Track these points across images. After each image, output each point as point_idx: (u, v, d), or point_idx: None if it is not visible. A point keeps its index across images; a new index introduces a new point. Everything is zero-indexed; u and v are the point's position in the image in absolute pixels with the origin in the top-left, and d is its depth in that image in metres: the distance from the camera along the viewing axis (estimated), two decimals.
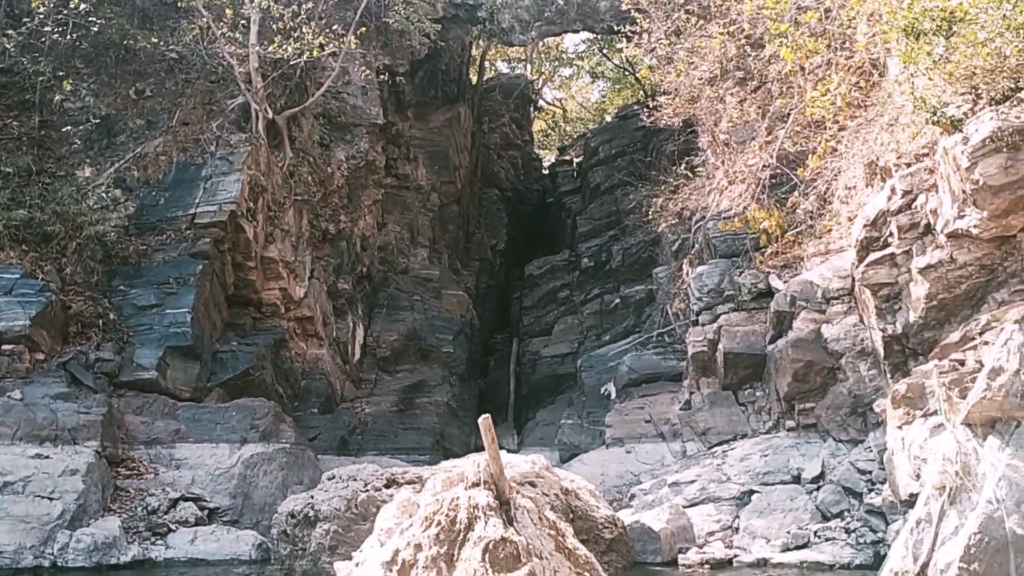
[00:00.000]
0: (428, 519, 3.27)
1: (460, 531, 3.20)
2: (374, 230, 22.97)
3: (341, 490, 11.06)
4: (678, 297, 18.15)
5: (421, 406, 22.15)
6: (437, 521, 3.24)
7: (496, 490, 3.30)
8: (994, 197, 10.69)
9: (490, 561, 3.09)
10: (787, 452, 13.62)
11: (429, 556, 3.17)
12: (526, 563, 3.07)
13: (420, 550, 3.20)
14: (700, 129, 18.92)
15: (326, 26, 17.28)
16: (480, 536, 3.15)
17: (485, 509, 3.22)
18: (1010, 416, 7.91)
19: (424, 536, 3.23)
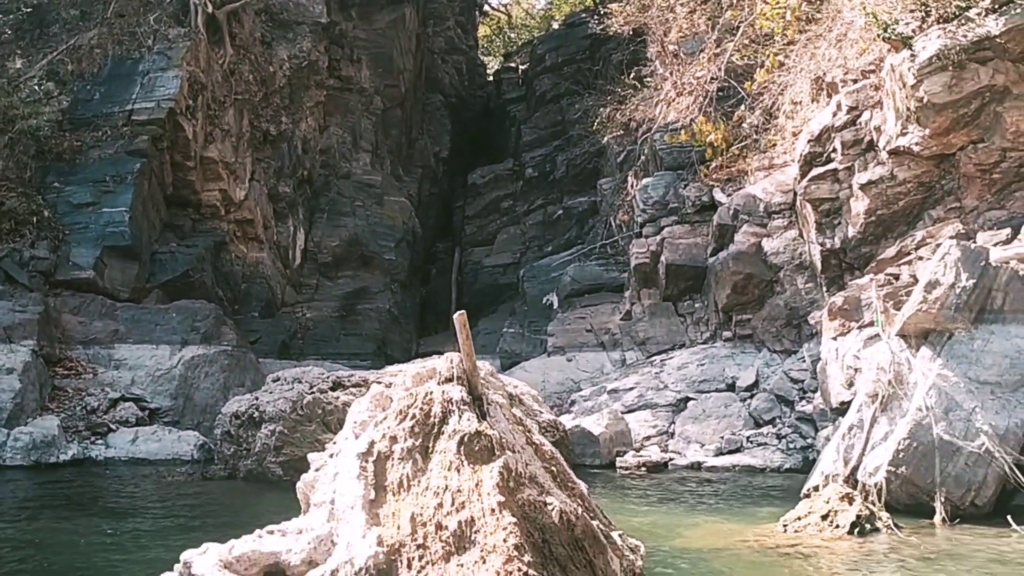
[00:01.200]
0: (402, 412, 3.31)
1: (434, 424, 3.25)
2: (316, 133, 22.50)
3: (286, 392, 11.08)
4: (622, 209, 18.26)
5: (363, 312, 22.13)
6: (412, 414, 3.28)
7: (469, 385, 3.35)
8: (937, 115, 10.90)
9: (465, 453, 3.15)
10: (723, 362, 14.00)
11: (404, 448, 3.22)
12: (500, 455, 3.14)
13: (395, 442, 3.25)
14: (649, 39, 18.78)
15: None
16: (455, 429, 3.21)
17: (459, 403, 3.27)
18: (943, 328, 8.23)
19: (399, 429, 3.28)
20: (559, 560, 3.02)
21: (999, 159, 10.90)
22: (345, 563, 2.99)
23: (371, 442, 3.35)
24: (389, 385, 4.28)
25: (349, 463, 3.30)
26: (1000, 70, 10.53)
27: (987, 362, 8.06)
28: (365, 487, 3.21)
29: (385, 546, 3.01)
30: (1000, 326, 8.24)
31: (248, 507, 9.29)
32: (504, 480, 3.08)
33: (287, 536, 3.31)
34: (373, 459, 3.28)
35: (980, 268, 8.22)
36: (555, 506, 3.16)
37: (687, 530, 8.04)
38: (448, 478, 3.13)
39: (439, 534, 3.01)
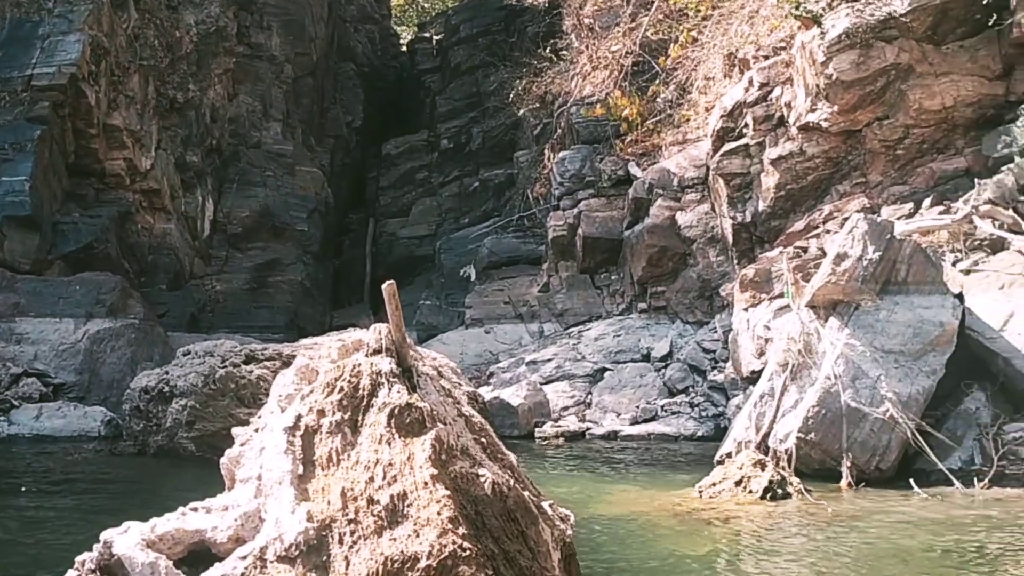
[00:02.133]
0: (330, 385, 3.25)
1: (363, 397, 3.21)
2: (225, 101, 21.92)
3: (198, 366, 10.83)
4: (539, 182, 18.32)
5: (274, 284, 21.79)
6: (339, 387, 3.23)
7: (398, 357, 3.32)
8: (845, 92, 11.20)
9: (396, 426, 3.12)
10: (639, 333, 14.22)
11: (333, 422, 3.17)
12: (431, 428, 3.12)
13: (323, 416, 3.19)
14: (565, 12, 18.79)
15: None
16: (384, 402, 3.17)
17: (388, 375, 3.23)
18: (850, 299, 8.50)
19: (327, 402, 3.23)
20: (492, 532, 3.03)
21: (903, 136, 11.26)
22: (274, 539, 2.94)
23: (298, 416, 3.29)
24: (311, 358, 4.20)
25: (276, 438, 3.24)
26: (905, 49, 10.86)
27: (891, 332, 8.35)
28: (293, 462, 3.16)
29: (315, 521, 2.98)
30: (904, 297, 8.53)
31: (164, 484, 9.10)
32: (436, 453, 3.07)
33: (212, 513, 3.24)
34: (301, 433, 3.23)
35: (886, 241, 8.50)
36: (487, 478, 3.17)
37: (606, 497, 8.17)
38: (379, 452, 3.10)
39: (371, 508, 2.98)
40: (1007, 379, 8.70)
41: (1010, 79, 10.79)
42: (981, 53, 10.84)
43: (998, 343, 8.75)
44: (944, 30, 10.82)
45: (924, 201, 10.74)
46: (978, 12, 10.52)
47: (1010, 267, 9.14)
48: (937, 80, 10.88)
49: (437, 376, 3.62)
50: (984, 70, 10.83)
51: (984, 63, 10.83)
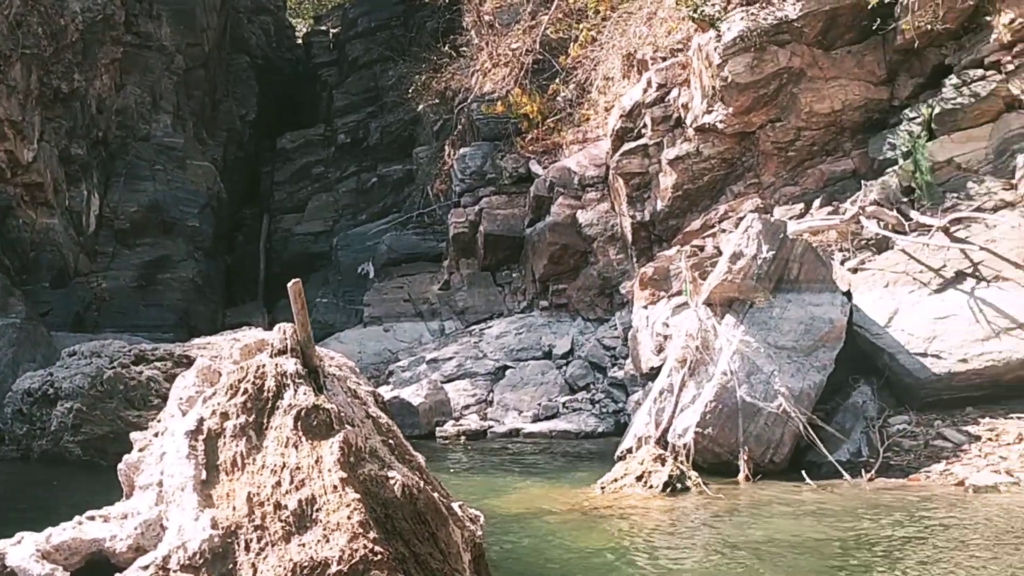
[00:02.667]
0: (233, 387, 3.13)
1: (268, 399, 3.10)
2: (112, 92, 21.08)
3: (84, 367, 10.41)
4: (439, 178, 18.22)
5: (164, 282, 21.11)
6: (243, 389, 3.12)
7: (304, 357, 3.22)
8: (740, 94, 11.48)
9: (303, 429, 3.02)
10: (540, 330, 14.29)
11: (237, 425, 3.06)
12: (339, 430, 3.04)
13: (227, 419, 3.07)
14: (465, 8, 18.73)
15: None
16: (290, 404, 3.07)
17: (294, 376, 3.13)
18: (746, 296, 8.72)
19: (230, 405, 3.11)
20: (402, 535, 2.98)
21: (794, 138, 11.61)
22: (177, 548, 2.82)
23: (200, 419, 3.17)
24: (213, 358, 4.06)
25: (177, 442, 3.11)
26: (797, 53, 11.20)
27: (784, 328, 8.61)
28: (196, 467, 3.04)
29: (220, 528, 2.86)
30: (796, 295, 8.81)
31: (51, 491, 8.70)
32: (345, 455, 2.99)
33: (111, 522, 3.09)
34: (203, 437, 3.11)
35: (779, 240, 8.76)
36: (397, 480, 3.11)
37: (509, 495, 8.18)
38: (286, 455, 3.01)
39: (278, 514, 2.89)
40: (892, 373, 9.08)
41: (894, 84, 11.24)
42: (867, 59, 11.25)
43: (883, 339, 9.13)
44: (833, 35, 11.19)
45: (814, 202, 11.09)
46: (865, 19, 10.91)
47: (894, 266, 9.52)
48: (827, 84, 11.25)
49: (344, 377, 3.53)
50: (870, 75, 11.25)
51: (870, 68, 11.25)
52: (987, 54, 10.34)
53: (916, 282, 9.30)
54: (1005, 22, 10.11)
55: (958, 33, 10.59)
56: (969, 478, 7.67)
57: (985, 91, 10.11)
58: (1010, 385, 8.78)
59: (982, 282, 9.05)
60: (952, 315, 8.98)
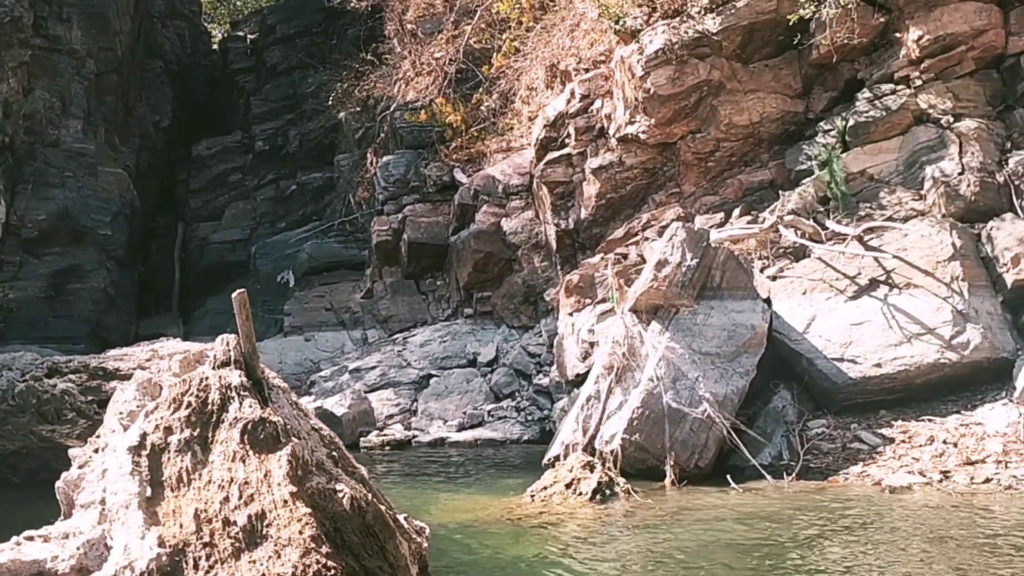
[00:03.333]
0: (176, 400, 3.06)
1: (213, 412, 3.04)
2: (19, 96, 20.34)
3: None
4: (362, 186, 18.09)
5: (74, 292, 20.49)
6: (187, 403, 3.04)
7: (247, 369, 3.16)
8: (661, 106, 11.70)
9: (250, 442, 2.97)
10: (465, 338, 14.30)
11: (182, 439, 2.99)
12: (286, 443, 2.99)
13: (171, 433, 3.00)
14: (387, 16, 18.65)
15: None
16: (236, 417, 3.01)
17: (239, 389, 3.07)
18: (671, 303, 8.88)
19: (174, 419, 3.03)
20: (352, 548, 2.95)
21: (714, 149, 11.87)
22: (123, 568, 2.74)
23: (143, 434, 3.09)
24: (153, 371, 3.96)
25: (120, 458, 3.03)
26: (716, 66, 11.47)
27: (708, 335, 8.79)
28: (140, 484, 2.96)
29: (168, 547, 2.80)
30: (719, 302, 9.01)
31: None
32: (293, 469, 2.96)
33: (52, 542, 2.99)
34: (147, 453, 3.03)
35: (702, 248, 8.95)
36: (345, 493, 3.08)
37: (438, 506, 8.16)
38: (233, 470, 2.96)
39: (227, 530, 2.83)
40: (810, 378, 9.36)
41: (809, 97, 11.59)
42: (784, 72, 11.59)
43: (802, 345, 9.41)
44: (751, 50, 11.49)
45: (734, 211, 11.36)
46: (781, 34, 11.24)
47: (812, 273, 9.82)
48: (745, 97, 11.54)
49: (287, 388, 3.49)
50: (786, 88, 11.58)
51: (786, 82, 11.59)
52: (897, 69, 10.75)
53: (832, 289, 9.61)
54: (914, 38, 10.53)
55: (869, 49, 10.99)
56: (885, 479, 7.95)
57: (895, 105, 10.50)
58: (921, 388, 9.15)
59: (895, 289, 9.39)
60: (867, 321, 9.30)
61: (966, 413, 9.00)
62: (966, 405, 9.12)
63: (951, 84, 10.60)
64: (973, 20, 10.51)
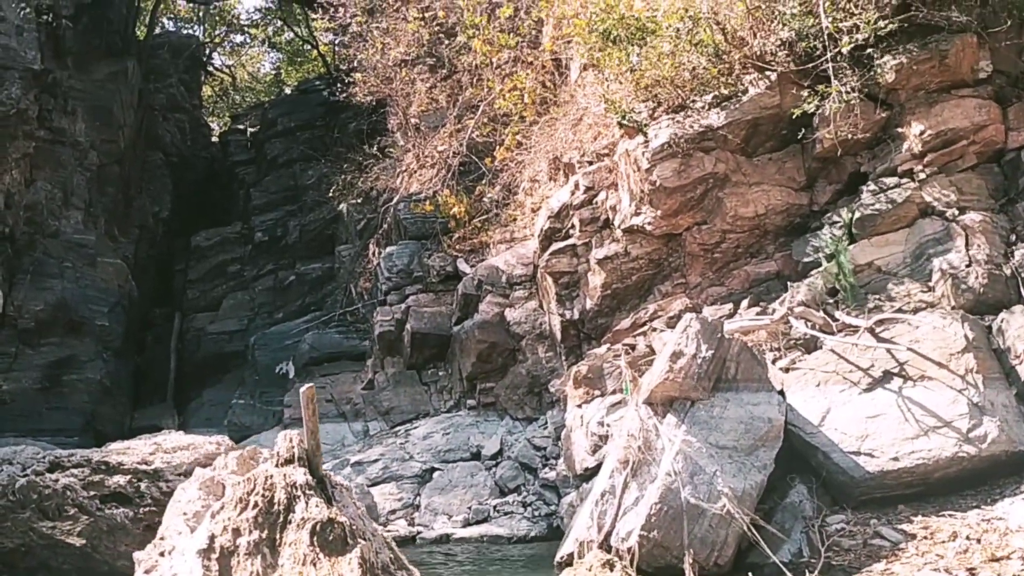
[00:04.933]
0: (242, 500, 2.95)
1: (279, 512, 2.92)
2: (21, 187, 20.52)
3: None
4: (364, 276, 18.10)
5: (70, 383, 20.35)
6: (253, 503, 2.93)
7: (310, 467, 3.06)
8: (667, 198, 11.77)
9: (319, 544, 2.85)
10: (468, 430, 14.10)
11: (250, 541, 2.87)
12: (354, 544, 2.88)
13: (239, 535, 2.88)
14: (390, 111, 18.96)
15: None
16: (304, 518, 2.90)
17: (304, 488, 2.97)
18: (686, 395, 8.76)
19: (241, 520, 2.92)
20: None
21: (720, 240, 11.91)
22: None
23: (211, 536, 2.96)
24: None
25: (189, 562, 2.90)
26: (721, 159, 11.59)
27: (725, 428, 8.65)
28: None
29: None
30: (734, 394, 8.89)
31: None
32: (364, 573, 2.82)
33: None
34: (216, 556, 2.90)
35: (717, 340, 8.87)
36: None
37: None
38: (304, 574, 2.82)
39: None
40: (827, 472, 9.18)
41: (813, 190, 11.69)
42: (788, 166, 11.71)
43: (817, 438, 9.26)
44: (755, 143, 11.64)
45: (742, 302, 11.33)
46: (784, 128, 11.40)
47: (825, 365, 9.73)
48: (750, 189, 11.63)
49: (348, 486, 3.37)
50: (791, 181, 11.68)
51: (790, 175, 11.70)
52: (900, 163, 10.87)
53: (846, 381, 9.50)
54: (916, 133, 10.68)
55: (872, 143, 11.12)
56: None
57: (900, 198, 10.59)
58: (939, 482, 8.97)
59: (909, 381, 9.29)
60: (882, 414, 9.18)
61: (986, 508, 8.82)
62: (986, 499, 8.95)
63: (954, 177, 10.71)
64: (973, 115, 10.69)
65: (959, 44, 10.66)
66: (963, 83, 10.82)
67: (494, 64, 17.18)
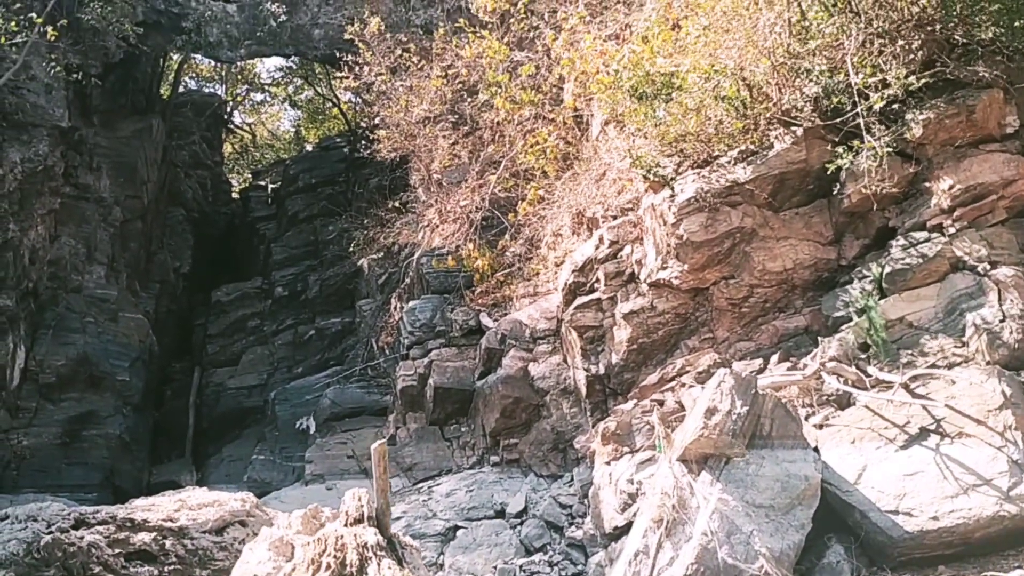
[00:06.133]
0: (314, 562, 2.88)
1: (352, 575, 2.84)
2: (46, 242, 20.70)
3: (19, 532, 9.64)
4: (385, 331, 18.07)
5: (89, 439, 20.28)
6: (325, 564, 2.87)
7: (380, 526, 2.99)
8: (695, 252, 11.73)
9: None
10: (492, 487, 13.90)
11: None
12: None
13: None
14: (413, 166, 19.11)
15: (17, 12, 15.37)
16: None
17: (375, 549, 2.91)
18: (722, 452, 8.63)
19: None
20: None
21: (747, 294, 11.83)
22: None
23: None
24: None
25: None
26: (748, 214, 11.56)
27: (761, 486, 8.50)
28: None
29: None
30: (769, 451, 8.76)
31: None
32: None
33: None
34: None
35: (751, 396, 8.77)
36: None
37: None
38: None
39: None
40: (865, 532, 8.97)
41: (840, 244, 11.63)
42: (815, 220, 11.67)
43: (854, 496, 9.08)
44: (782, 197, 11.62)
45: (772, 357, 11.22)
46: (811, 183, 11.41)
47: (859, 422, 9.58)
48: (778, 243, 11.58)
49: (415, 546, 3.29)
50: (818, 235, 11.63)
51: (818, 229, 11.65)
52: (929, 218, 10.81)
53: (882, 438, 9.35)
54: (944, 188, 10.64)
55: (900, 198, 11.07)
56: None
57: (931, 252, 10.50)
58: (980, 542, 8.77)
59: (946, 438, 9.13)
60: (920, 472, 9.01)
61: None
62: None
63: (984, 232, 10.64)
64: (1002, 170, 10.65)
65: (986, 99, 10.68)
66: (991, 138, 10.82)
67: (516, 121, 17.31)
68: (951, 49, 10.89)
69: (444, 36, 18.59)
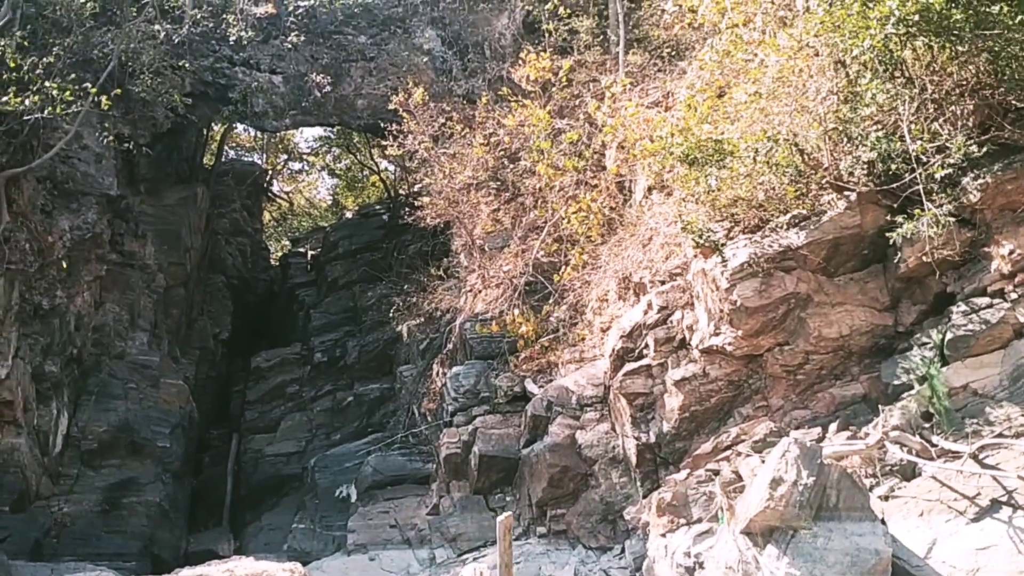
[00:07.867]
0: None
1: None
2: (91, 308, 20.86)
3: None
4: (427, 397, 17.93)
5: (129, 506, 20.09)
6: None
7: None
8: (748, 317, 11.57)
9: None
10: (539, 559, 13.59)
11: None
12: None
13: None
14: (455, 232, 19.16)
15: (72, 83, 15.73)
16: None
17: None
18: (788, 525, 8.37)
19: None
20: None
21: (803, 361, 11.62)
22: None
23: None
24: None
25: None
26: (803, 279, 11.42)
27: (830, 560, 8.22)
28: None
29: None
30: (837, 523, 8.49)
31: None
32: None
33: None
34: None
35: (816, 466, 8.53)
36: None
37: None
38: None
39: None
40: None
41: (897, 310, 11.43)
42: (870, 286, 11.50)
43: (924, 571, 8.76)
44: (836, 263, 11.47)
45: (830, 426, 10.97)
46: (866, 248, 11.27)
47: (927, 493, 9.30)
48: (833, 309, 11.40)
49: None
50: (874, 302, 11.44)
51: (873, 295, 11.47)
52: (989, 283, 10.59)
53: (952, 510, 9.06)
54: (1004, 253, 10.44)
55: (958, 263, 10.87)
56: None
57: (995, 318, 10.28)
58: None
59: (1019, 510, 8.83)
60: (993, 545, 8.69)
61: None
62: None
63: None
64: None
65: None
66: None
67: (558, 187, 17.37)
68: (1005, 113, 10.78)
69: (487, 104, 18.77)
